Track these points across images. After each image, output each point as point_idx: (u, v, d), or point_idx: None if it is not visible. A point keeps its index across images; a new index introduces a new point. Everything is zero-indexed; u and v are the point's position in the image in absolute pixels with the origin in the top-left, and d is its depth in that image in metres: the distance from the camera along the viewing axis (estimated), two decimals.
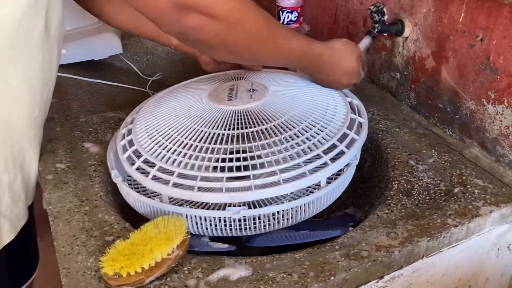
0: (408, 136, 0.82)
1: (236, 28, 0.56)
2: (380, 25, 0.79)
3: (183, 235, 0.59)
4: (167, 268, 0.57)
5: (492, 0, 0.66)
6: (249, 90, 0.73)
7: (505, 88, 0.68)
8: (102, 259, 0.55)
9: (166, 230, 0.59)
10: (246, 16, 0.56)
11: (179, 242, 0.58)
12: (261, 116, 0.67)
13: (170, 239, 0.57)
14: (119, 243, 0.57)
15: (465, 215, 0.65)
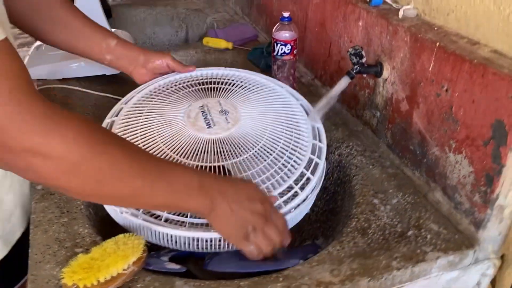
0: (379, 174, 0.85)
1: (81, 168, 0.48)
2: (359, 67, 0.83)
3: (140, 253, 0.65)
4: (121, 282, 0.63)
5: (456, 54, 0.69)
6: (221, 112, 0.79)
7: (464, 139, 0.70)
8: (63, 270, 0.62)
9: (124, 248, 0.65)
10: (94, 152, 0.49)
11: (135, 259, 0.64)
12: (239, 144, 0.76)
13: (126, 256, 0.63)
14: (80, 257, 0.64)
15: (411, 259, 0.67)
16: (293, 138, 0.77)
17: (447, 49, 0.71)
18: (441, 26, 0.77)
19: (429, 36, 0.75)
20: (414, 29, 0.78)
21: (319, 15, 1.08)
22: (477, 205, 0.70)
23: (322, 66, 1.10)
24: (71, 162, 0.47)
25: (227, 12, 1.73)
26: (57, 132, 0.46)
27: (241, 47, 1.38)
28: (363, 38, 0.92)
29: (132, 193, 0.55)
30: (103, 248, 0.65)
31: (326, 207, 0.91)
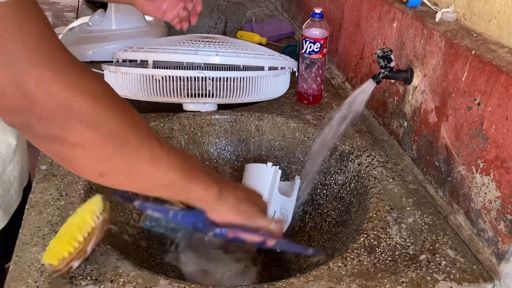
0: (398, 189, 0.78)
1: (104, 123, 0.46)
2: (386, 71, 0.77)
3: (102, 203, 0.62)
4: (100, 234, 0.61)
5: (492, 65, 0.62)
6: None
7: (493, 159, 0.63)
8: (42, 260, 0.60)
9: (86, 208, 0.62)
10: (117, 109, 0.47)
11: (100, 210, 0.61)
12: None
13: (91, 211, 0.61)
14: (51, 241, 0.61)
15: (419, 286, 0.61)
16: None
17: (483, 58, 0.64)
18: (481, 33, 0.70)
19: (465, 43, 0.67)
20: (450, 35, 0.71)
21: (355, 14, 1.02)
22: (501, 234, 0.63)
23: (353, 68, 1.04)
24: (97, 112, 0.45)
25: (267, 7, 1.69)
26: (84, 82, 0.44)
27: (275, 43, 1.34)
28: (396, 41, 0.85)
29: (146, 168, 0.52)
30: (67, 223, 0.62)
31: (339, 218, 0.85)
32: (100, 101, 0.45)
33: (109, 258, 0.63)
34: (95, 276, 0.60)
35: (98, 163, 0.48)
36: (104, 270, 0.61)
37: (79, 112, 0.43)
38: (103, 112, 0.45)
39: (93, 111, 0.44)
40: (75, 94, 0.42)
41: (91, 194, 0.77)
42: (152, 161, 0.51)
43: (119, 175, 0.50)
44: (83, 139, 0.45)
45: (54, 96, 0.41)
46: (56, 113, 0.42)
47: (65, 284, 0.59)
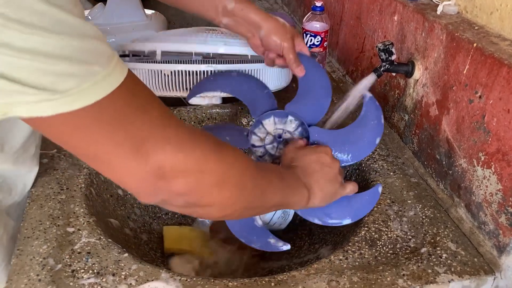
0: (399, 182, 0.78)
1: (229, 180, 0.51)
2: (387, 64, 0.76)
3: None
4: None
5: (494, 58, 0.62)
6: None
7: (494, 152, 0.63)
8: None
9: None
10: (231, 161, 0.51)
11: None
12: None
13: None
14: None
15: (420, 279, 0.61)
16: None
17: (484, 51, 0.63)
18: (482, 25, 0.69)
19: (466, 36, 0.67)
20: (452, 27, 0.70)
21: (355, 7, 1.01)
22: (502, 227, 0.63)
23: (354, 62, 1.04)
24: (222, 172, 0.50)
25: (267, 1, 1.68)
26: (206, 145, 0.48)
27: None
28: (397, 34, 0.85)
29: (261, 198, 0.58)
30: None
31: None
32: (222, 164, 0.50)
33: (110, 252, 0.63)
34: (96, 269, 0.61)
35: (224, 212, 0.54)
36: (105, 264, 0.61)
37: (209, 181, 0.49)
38: (227, 173, 0.50)
39: (219, 176, 0.49)
40: (200, 166, 0.47)
41: (92, 188, 0.77)
42: (262, 195, 0.58)
43: (237, 214, 0.58)
44: (214, 200, 0.51)
45: (187, 175, 0.46)
46: (190, 187, 0.47)
47: (67, 278, 0.59)
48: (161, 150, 0.43)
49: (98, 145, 0.41)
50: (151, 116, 0.43)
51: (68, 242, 0.64)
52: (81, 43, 0.36)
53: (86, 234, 0.66)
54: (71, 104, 0.36)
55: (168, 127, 0.44)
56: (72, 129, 0.39)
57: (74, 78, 0.36)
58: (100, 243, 0.64)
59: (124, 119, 0.41)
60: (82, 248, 0.64)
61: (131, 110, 0.41)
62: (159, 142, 0.43)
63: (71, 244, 0.64)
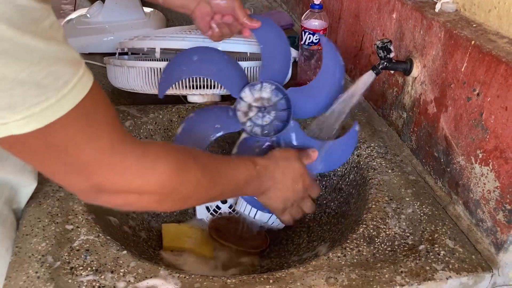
0: (397, 180, 0.78)
1: (171, 196, 0.54)
2: (386, 62, 0.76)
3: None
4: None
5: (492, 55, 0.62)
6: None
7: (492, 150, 0.63)
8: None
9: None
10: (182, 182, 0.54)
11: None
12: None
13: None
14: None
15: (418, 276, 0.61)
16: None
17: (482, 49, 0.63)
18: (480, 23, 0.69)
19: (464, 33, 0.67)
20: (450, 25, 0.70)
21: (354, 5, 1.01)
22: (500, 224, 0.63)
23: (352, 60, 1.04)
24: (164, 194, 0.53)
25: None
26: (152, 172, 0.50)
27: None
28: (395, 32, 0.85)
29: (208, 198, 0.66)
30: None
31: (338, 209, 0.86)
32: (165, 189, 0.52)
33: (109, 249, 0.63)
34: (95, 266, 0.61)
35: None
36: (104, 261, 0.62)
37: (149, 200, 0.52)
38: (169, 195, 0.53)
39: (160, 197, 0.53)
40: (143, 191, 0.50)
41: None
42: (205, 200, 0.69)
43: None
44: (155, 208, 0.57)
45: (127, 195, 0.50)
46: (129, 203, 0.51)
47: (65, 275, 0.59)
48: (103, 175, 0.46)
49: (45, 164, 0.45)
50: (100, 143, 0.45)
51: (67, 240, 0.64)
52: (37, 68, 0.36)
53: (85, 231, 0.66)
54: (22, 128, 0.38)
55: (115, 154, 0.46)
56: (23, 149, 0.42)
57: (26, 103, 0.37)
58: (99, 241, 0.65)
59: (72, 145, 0.43)
60: (81, 245, 0.64)
61: (81, 137, 0.43)
62: (103, 168, 0.46)
63: (70, 241, 0.64)
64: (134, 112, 0.94)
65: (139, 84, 0.91)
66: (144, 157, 0.49)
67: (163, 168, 0.51)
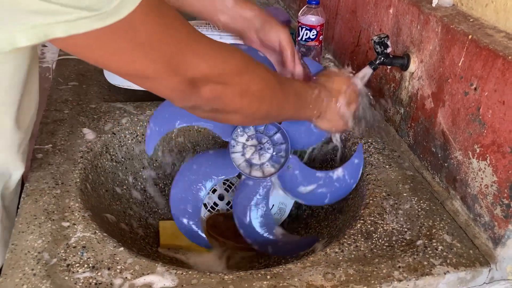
0: (395, 175, 0.78)
1: (249, 90, 0.58)
2: (383, 57, 0.76)
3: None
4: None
5: (489, 49, 0.62)
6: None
7: (489, 144, 0.63)
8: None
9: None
10: (254, 75, 0.59)
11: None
12: None
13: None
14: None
15: (415, 271, 0.61)
16: None
17: (479, 43, 0.63)
18: (477, 17, 0.69)
19: (461, 28, 0.67)
20: (447, 20, 0.70)
21: (351, 0, 1.01)
22: (497, 219, 0.63)
23: (349, 56, 1.04)
24: (244, 84, 0.57)
25: None
26: (231, 58, 0.55)
27: None
28: (392, 27, 0.85)
29: (277, 110, 0.66)
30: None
31: (336, 205, 0.85)
32: (245, 78, 0.57)
33: (106, 246, 0.63)
34: (92, 263, 0.60)
35: (245, 119, 0.65)
36: (101, 258, 0.61)
37: (232, 91, 0.56)
38: (249, 86, 0.58)
39: (241, 88, 0.57)
40: (226, 78, 0.55)
41: (87, 183, 0.77)
42: (278, 108, 0.66)
43: (256, 123, 0.73)
44: (236, 107, 0.59)
45: (214, 84, 0.53)
46: (216, 94, 0.55)
47: (62, 272, 0.59)
48: (191, 64, 0.49)
49: (133, 63, 0.46)
50: (180, 33, 0.48)
51: (63, 237, 0.64)
52: None
53: (81, 228, 0.66)
54: (104, 20, 0.40)
55: (197, 42, 0.50)
56: (107, 47, 0.43)
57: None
58: (95, 237, 0.64)
59: (156, 37, 0.45)
60: (77, 242, 0.63)
61: (161, 29, 0.45)
62: (189, 57, 0.49)
63: (66, 238, 0.64)
64: (131, 109, 0.94)
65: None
66: (223, 46, 0.54)
67: (238, 58, 0.56)
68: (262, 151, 0.78)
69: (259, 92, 0.60)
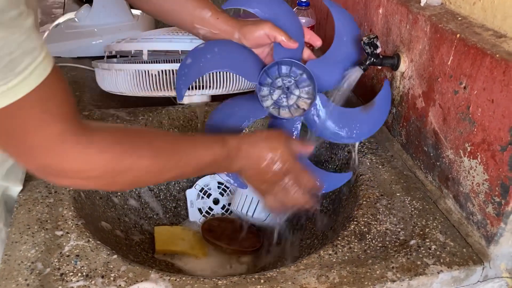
0: (388, 175, 0.78)
1: (118, 180, 0.55)
2: (373, 58, 0.76)
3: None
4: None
5: (477, 48, 0.62)
6: None
7: (480, 142, 0.63)
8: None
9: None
10: (129, 168, 0.55)
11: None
12: None
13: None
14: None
15: (409, 271, 0.61)
16: None
17: (468, 42, 0.63)
18: (465, 16, 0.69)
19: (450, 27, 0.67)
20: (435, 19, 0.70)
21: (341, 1, 1.01)
22: (490, 217, 0.63)
23: None
24: (110, 179, 0.54)
25: None
26: (98, 160, 0.51)
27: None
28: (382, 27, 0.85)
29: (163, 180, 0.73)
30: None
31: (330, 206, 0.86)
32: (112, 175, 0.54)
33: (99, 254, 0.63)
34: (85, 272, 0.60)
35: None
36: (94, 266, 0.61)
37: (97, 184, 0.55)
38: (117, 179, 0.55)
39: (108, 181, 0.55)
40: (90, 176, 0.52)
41: (80, 191, 0.76)
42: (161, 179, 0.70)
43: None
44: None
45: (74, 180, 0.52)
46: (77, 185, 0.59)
47: (55, 281, 0.59)
48: (49, 160, 0.49)
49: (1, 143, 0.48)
50: (49, 131, 0.47)
51: (57, 246, 0.64)
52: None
53: (74, 237, 0.66)
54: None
55: (62, 143, 0.48)
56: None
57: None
58: (89, 246, 0.64)
59: (22, 129, 0.46)
60: (71, 251, 0.63)
61: (32, 122, 0.46)
62: (49, 154, 0.48)
63: (60, 247, 0.64)
64: (124, 115, 0.94)
65: (127, 87, 0.90)
66: (90, 147, 0.51)
67: (108, 156, 0.52)
68: (289, 93, 0.77)
69: (132, 180, 0.57)
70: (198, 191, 0.94)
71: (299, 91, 0.77)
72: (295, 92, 0.77)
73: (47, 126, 0.47)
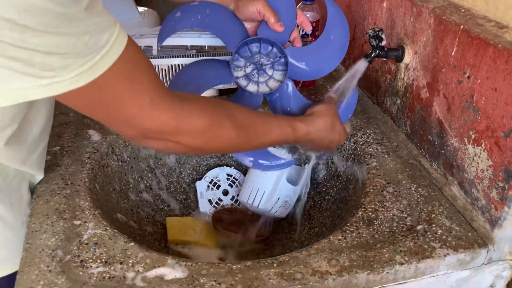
0: (393, 164, 0.80)
1: (204, 146, 0.60)
2: (378, 50, 0.78)
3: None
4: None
5: (480, 38, 0.64)
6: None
7: (483, 130, 0.65)
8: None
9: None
10: (215, 136, 0.60)
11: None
12: None
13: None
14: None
15: (417, 254, 0.63)
16: None
17: (471, 33, 0.65)
18: (468, 8, 0.71)
19: (453, 19, 0.69)
20: (439, 11, 0.72)
21: None
22: (494, 202, 0.65)
23: None
24: (198, 144, 0.59)
25: None
26: (187, 125, 0.56)
27: None
28: (386, 20, 0.87)
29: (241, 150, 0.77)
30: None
31: (337, 195, 0.88)
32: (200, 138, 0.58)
33: (117, 242, 0.65)
34: (104, 259, 0.63)
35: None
36: (113, 253, 0.64)
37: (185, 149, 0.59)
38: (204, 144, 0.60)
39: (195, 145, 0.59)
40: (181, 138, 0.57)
41: (96, 182, 0.79)
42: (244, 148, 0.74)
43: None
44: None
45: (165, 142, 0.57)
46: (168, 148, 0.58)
47: (76, 268, 0.61)
48: (145, 126, 0.53)
49: (97, 115, 0.52)
50: (141, 100, 0.50)
51: (76, 234, 0.66)
52: (82, 37, 0.43)
53: (92, 226, 0.68)
54: (76, 83, 0.44)
55: (154, 109, 0.52)
56: (78, 103, 0.49)
57: (77, 62, 0.44)
58: (106, 234, 0.67)
59: (117, 100, 0.49)
60: (89, 239, 0.66)
61: (124, 93, 0.49)
62: (144, 120, 0.52)
63: (79, 236, 0.66)
64: None
65: None
66: (181, 112, 0.55)
67: (196, 123, 0.57)
68: (262, 71, 0.80)
69: (216, 147, 0.64)
70: (207, 182, 0.96)
71: (272, 72, 0.80)
72: (269, 72, 0.80)
73: (138, 95, 0.50)
